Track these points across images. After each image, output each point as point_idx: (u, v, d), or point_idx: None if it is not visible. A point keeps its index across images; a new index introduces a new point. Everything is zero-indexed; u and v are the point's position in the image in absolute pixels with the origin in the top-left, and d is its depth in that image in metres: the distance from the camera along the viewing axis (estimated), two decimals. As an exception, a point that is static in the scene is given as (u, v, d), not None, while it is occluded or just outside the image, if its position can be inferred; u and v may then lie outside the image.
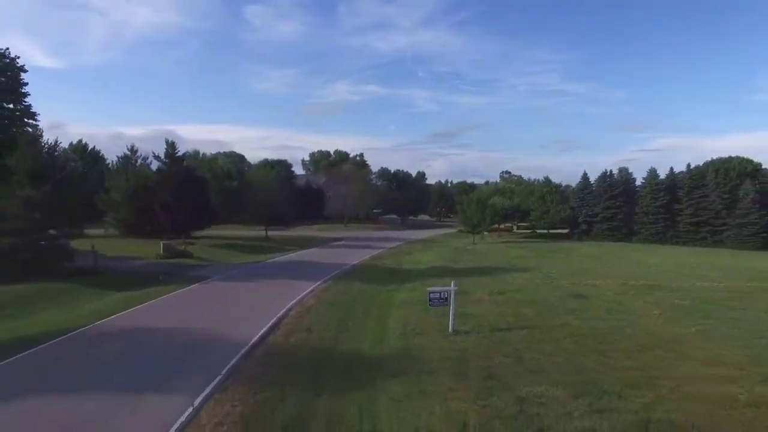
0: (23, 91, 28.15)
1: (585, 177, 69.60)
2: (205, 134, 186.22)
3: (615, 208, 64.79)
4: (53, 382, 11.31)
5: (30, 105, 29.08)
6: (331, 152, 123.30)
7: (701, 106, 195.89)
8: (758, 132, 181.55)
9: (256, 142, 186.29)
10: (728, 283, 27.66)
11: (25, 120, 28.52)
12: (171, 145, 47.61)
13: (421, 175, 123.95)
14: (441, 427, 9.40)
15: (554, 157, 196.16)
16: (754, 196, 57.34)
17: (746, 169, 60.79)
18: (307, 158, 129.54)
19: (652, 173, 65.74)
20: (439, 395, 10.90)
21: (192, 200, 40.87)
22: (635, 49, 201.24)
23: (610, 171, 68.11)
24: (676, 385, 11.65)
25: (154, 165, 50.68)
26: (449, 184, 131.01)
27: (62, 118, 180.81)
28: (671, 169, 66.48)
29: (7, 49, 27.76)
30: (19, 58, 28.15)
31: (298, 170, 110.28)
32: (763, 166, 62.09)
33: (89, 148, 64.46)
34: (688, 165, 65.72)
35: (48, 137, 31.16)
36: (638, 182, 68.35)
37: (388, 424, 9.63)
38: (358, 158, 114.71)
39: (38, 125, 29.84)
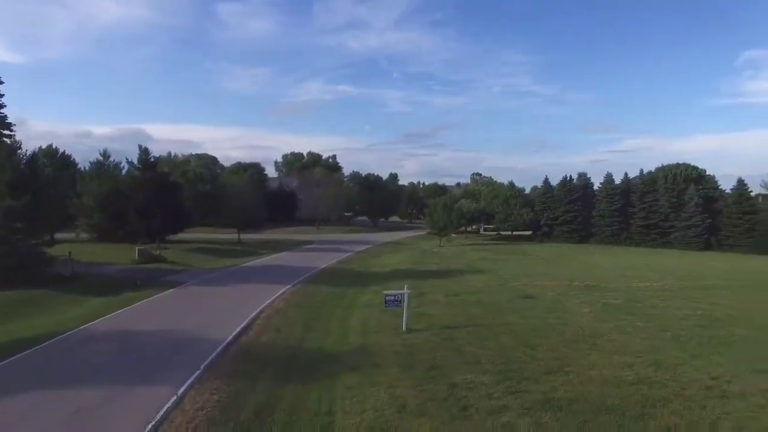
0: None
1: (546, 181, 73.44)
2: (175, 134, 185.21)
3: (574, 211, 68.57)
4: (51, 380, 12.91)
5: (6, 116, 30.05)
6: (304, 154, 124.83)
7: (667, 108, 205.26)
8: (720, 134, 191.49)
9: (227, 141, 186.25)
10: (661, 283, 30.71)
11: (2, 131, 29.44)
12: (144, 151, 48.70)
13: (393, 177, 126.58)
14: (384, 408, 11.51)
15: (526, 157, 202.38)
16: (697, 201, 61.83)
17: (692, 175, 65.33)
18: (279, 160, 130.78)
19: (608, 178, 69.84)
20: (386, 383, 13.01)
21: (166, 205, 42.04)
22: (603, 52, 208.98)
23: (570, 176, 72.00)
24: (583, 370, 14.07)
25: (126, 167, 51.80)
26: (421, 185, 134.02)
27: (25, 114, 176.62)
28: (626, 174, 70.88)
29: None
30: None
31: (271, 171, 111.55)
32: (707, 172, 66.81)
33: (59, 153, 64.46)
34: (641, 171, 70.19)
35: (26, 148, 31.90)
36: (596, 186, 72.50)
37: (342, 407, 11.67)
38: (330, 160, 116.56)
39: (14, 135, 30.84)
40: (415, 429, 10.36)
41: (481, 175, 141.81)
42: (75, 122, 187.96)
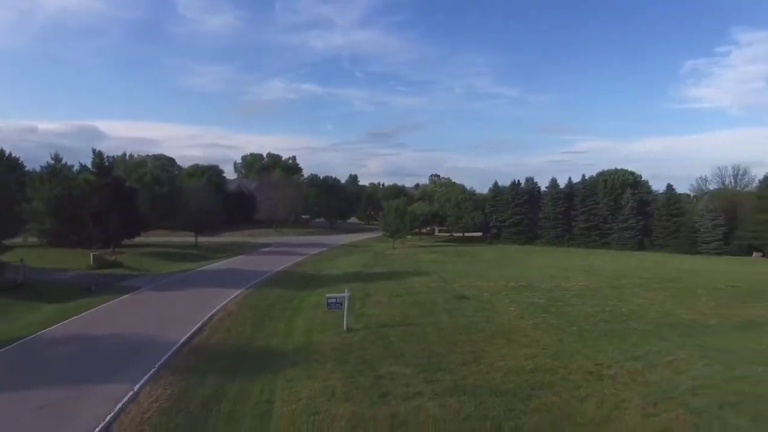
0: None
1: (496, 185, 77.16)
2: (131, 131, 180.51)
3: (521, 214, 72.45)
4: (14, 381, 14.15)
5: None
6: (264, 155, 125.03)
7: (619, 112, 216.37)
8: (667, 138, 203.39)
9: (186, 140, 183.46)
10: (586, 283, 33.85)
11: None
12: (98, 155, 48.78)
13: (353, 178, 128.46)
14: (317, 396, 13.47)
15: (488, 157, 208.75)
16: (632, 204, 66.70)
17: (628, 180, 70.28)
18: (239, 161, 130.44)
19: (553, 183, 74.08)
20: (321, 376, 14.99)
21: (122, 210, 42.45)
22: (561, 57, 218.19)
23: (518, 180, 75.94)
24: (493, 362, 16.45)
25: (78, 168, 51.58)
26: (381, 186, 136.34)
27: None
28: (569, 179, 75.34)
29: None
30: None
31: (230, 172, 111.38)
32: (642, 178, 72.06)
33: (6, 155, 63.01)
34: (583, 176, 74.63)
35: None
36: (543, 189, 76.68)
37: (281, 396, 13.58)
38: (290, 161, 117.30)
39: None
40: (339, 412, 12.39)
41: (439, 176, 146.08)
42: (18, 117, 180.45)
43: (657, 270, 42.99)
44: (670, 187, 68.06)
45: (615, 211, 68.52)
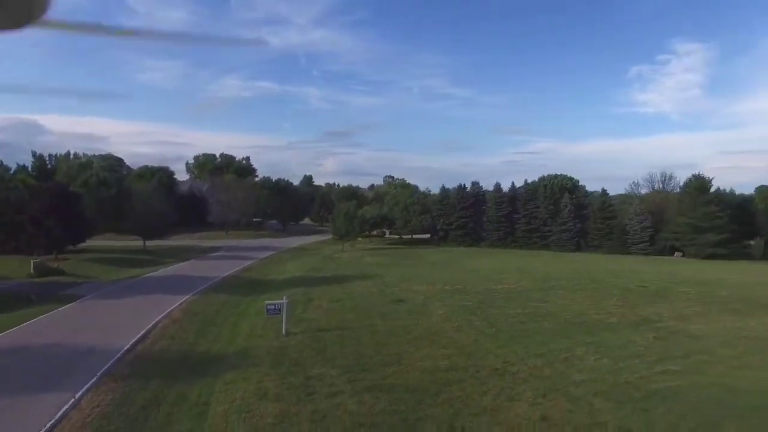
0: None
1: (444, 189, 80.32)
2: (75, 126, 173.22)
3: (467, 217, 75.65)
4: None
5: None
6: (217, 155, 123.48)
7: (571, 114, 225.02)
8: (618, 139, 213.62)
9: (136, 137, 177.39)
10: (516, 285, 36.55)
11: None
12: (39, 158, 47.89)
13: (308, 179, 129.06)
14: (250, 396, 14.97)
15: (443, 157, 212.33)
16: (570, 208, 71.03)
17: (567, 185, 74.77)
18: (192, 160, 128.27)
19: (497, 187, 77.75)
20: (256, 378, 16.45)
21: (65, 215, 41.88)
22: (514, 59, 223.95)
23: (464, 184, 79.17)
24: (413, 362, 18.38)
25: (16, 167, 50.26)
26: (337, 186, 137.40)
27: None
28: (512, 183, 79.36)
29: None
30: None
31: (182, 172, 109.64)
32: (580, 183, 76.83)
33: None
34: (525, 180, 78.80)
35: None
36: (489, 192, 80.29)
37: (217, 398, 14.99)
38: (244, 161, 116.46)
39: None
40: (268, 410, 13.95)
41: (393, 177, 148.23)
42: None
43: (585, 271, 46.45)
44: (604, 191, 73.14)
45: (554, 214, 72.70)
